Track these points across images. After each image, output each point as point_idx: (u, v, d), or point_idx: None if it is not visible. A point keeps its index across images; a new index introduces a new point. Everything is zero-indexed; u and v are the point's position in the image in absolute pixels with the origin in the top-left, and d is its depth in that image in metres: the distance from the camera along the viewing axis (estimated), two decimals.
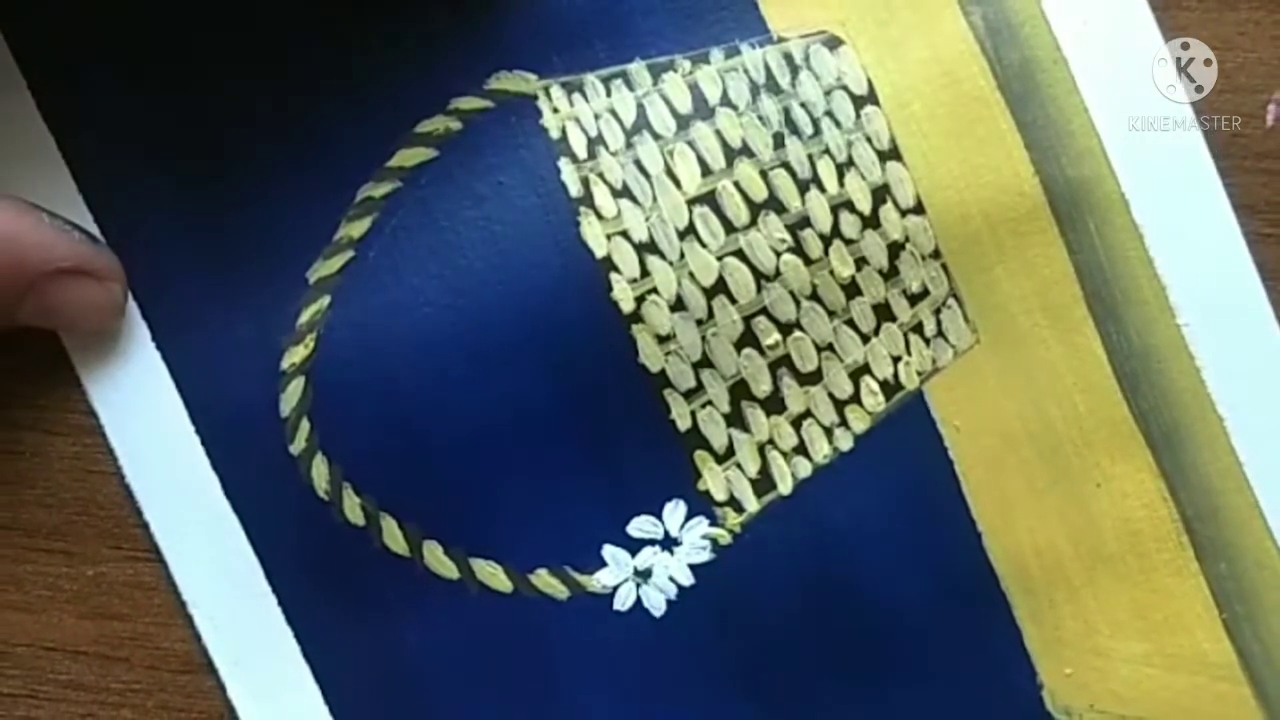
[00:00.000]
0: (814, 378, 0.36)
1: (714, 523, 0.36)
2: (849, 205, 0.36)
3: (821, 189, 0.36)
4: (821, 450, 0.36)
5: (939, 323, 0.36)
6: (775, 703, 0.36)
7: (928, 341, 0.36)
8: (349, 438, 0.35)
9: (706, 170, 0.35)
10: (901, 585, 0.36)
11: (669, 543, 0.36)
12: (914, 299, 0.36)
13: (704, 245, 0.35)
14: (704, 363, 0.36)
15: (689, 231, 0.35)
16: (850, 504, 0.36)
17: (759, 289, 0.36)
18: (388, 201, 0.35)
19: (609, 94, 0.35)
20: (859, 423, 0.36)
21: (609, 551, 0.36)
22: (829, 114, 0.36)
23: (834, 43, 0.36)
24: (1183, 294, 0.36)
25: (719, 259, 0.35)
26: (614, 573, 0.36)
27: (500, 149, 0.35)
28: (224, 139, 0.35)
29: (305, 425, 0.35)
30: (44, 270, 0.33)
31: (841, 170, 0.36)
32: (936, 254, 0.36)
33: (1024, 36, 0.35)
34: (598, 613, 0.36)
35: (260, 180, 0.35)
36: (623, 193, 0.35)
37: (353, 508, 0.35)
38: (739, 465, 0.36)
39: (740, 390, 0.36)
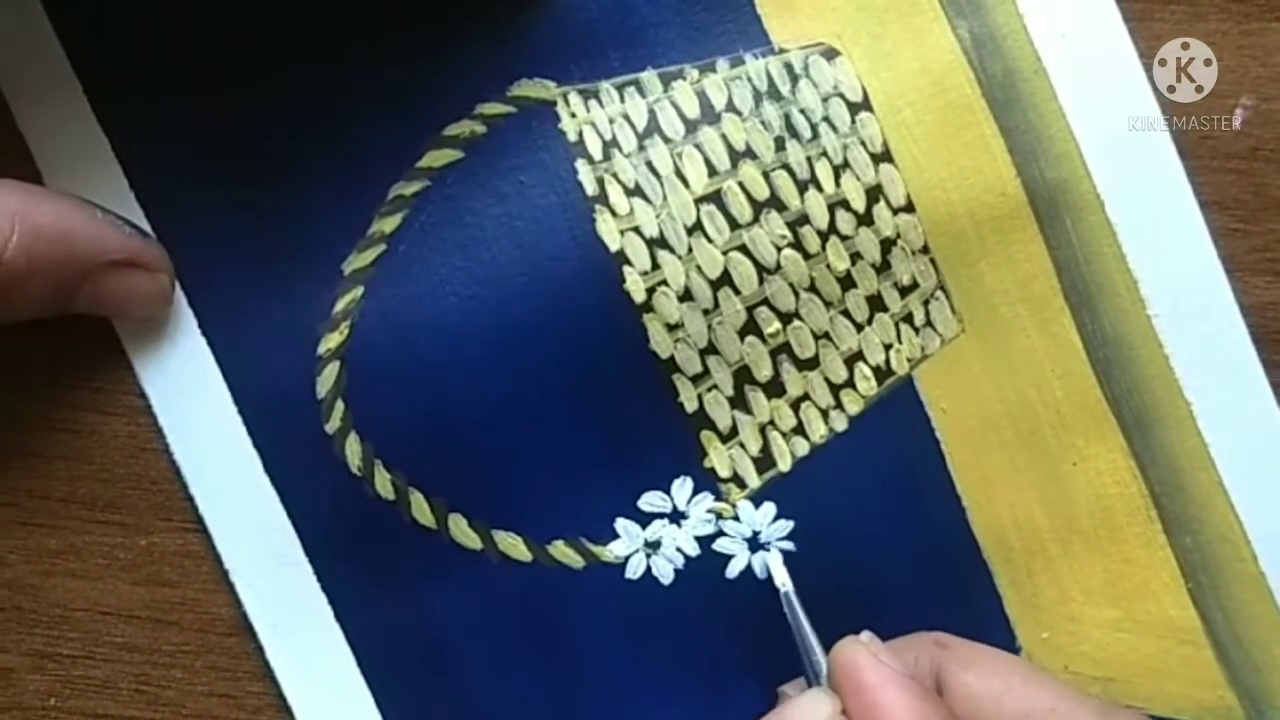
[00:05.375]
0: (812, 364, 0.36)
1: (718, 498, 0.36)
2: (845, 204, 0.35)
3: (819, 189, 0.35)
4: (818, 431, 0.36)
5: (927, 313, 0.36)
6: (773, 663, 0.36)
7: (917, 330, 0.36)
8: (380, 418, 0.35)
9: (713, 171, 0.35)
10: (891, 555, 0.36)
11: (677, 516, 0.36)
12: (904, 291, 0.36)
13: (710, 240, 0.35)
14: (710, 349, 0.35)
15: (696, 228, 0.35)
16: (844, 480, 0.36)
17: (761, 281, 0.35)
18: (417, 199, 0.35)
19: (623, 100, 0.35)
20: (853, 405, 0.36)
21: (621, 524, 0.36)
22: (826, 119, 0.35)
23: (831, 54, 0.35)
24: (1153, 286, 0.35)
25: (724, 253, 0.35)
26: (626, 544, 0.36)
27: (522, 151, 0.35)
28: (266, 141, 0.34)
29: (340, 406, 0.35)
30: (98, 262, 0.32)
31: (838, 171, 0.35)
32: (925, 249, 0.36)
33: (1007, 49, 0.35)
34: (610, 581, 0.36)
35: (299, 179, 0.35)
36: (635, 192, 0.35)
37: (383, 483, 0.35)
38: (742, 444, 0.36)
39: (743, 375, 0.36)
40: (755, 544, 0.36)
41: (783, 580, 0.35)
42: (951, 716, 0.30)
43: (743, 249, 0.35)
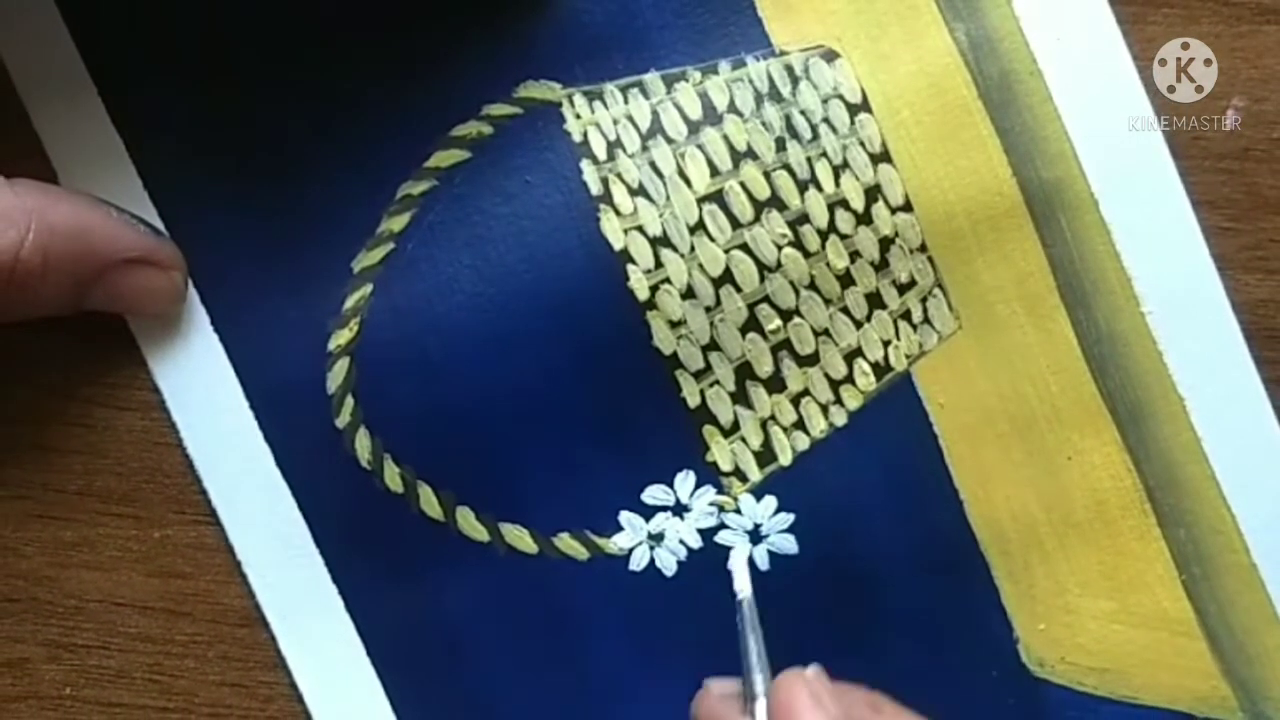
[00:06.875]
0: (812, 360, 0.36)
1: (720, 491, 0.36)
2: (844, 203, 0.35)
3: (819, 189, 0.35)
4: (818, 425, 0.36)
5: (925, 310, 0.36)
6: (773, 651, 0.36)
7: (915, 327, 0.36)
8: (389, 413, 0.35)
9: (715, 171, 0.35)
10: (890, 548, 0.36)
11: (679, 509, 0.36)
12: (903, 288, 0.36)
13: (712, 239, 0.35)
14: (712, 346, 0.35)
15: (699, 227, 0.35)
16: (844, 474, 0.36)
17: (762, 279, 0.35)
18: (425, 198, 0.35)
19: (626, 101, 0.35)
20: (852, 401, 0.36)
21: (625, 517, 0.36)
22: (826, 120, 0.35)
23: (831, 56, 0.35)
24: (1147, 284, 0.35)
25: (726, 252, 0.35)
26: (630, 536, 0.36)
27: (528, 151, 0.35)
28: (277, 142, 0.35)
29: (350, 401, 0.35)
30: (112, 259, 0.33)
31: (837, 172, 0.35)
32: (923, 248, 0.36)
33: (1003, 51, 0.35)
34: (615, 572, 0.36)
35: (310, 179, 0.35)
36: (639, 191, 0.35)
37: (392, 477, 0.35)
38: (743, 439, 0.36)
39: (745, 371, 0.36)
40: (757, 536, 0.36)
41: (741, 586, 0.34)
42: None
43: (744, 247, 0.35)
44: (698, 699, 0.33)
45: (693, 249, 0.35)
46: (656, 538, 0.36)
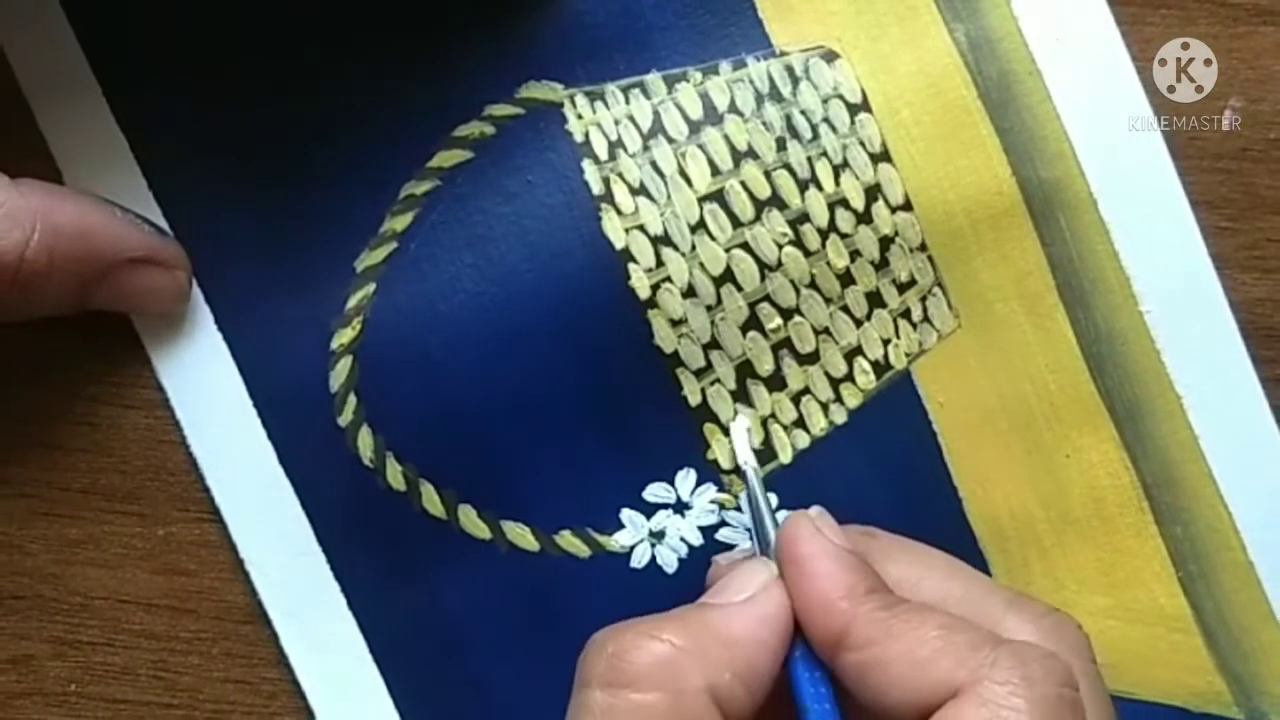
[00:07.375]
0: (812, 358, 0.36)
1: (721, 489, 0.36)
2: (844, 203, 0.36)
3: (819, 188, 0.35)
4: (819, 424, 0.36)
5: (925, 309, 0.36)
6: None
7: (915, 326, 0.36)
8: (392, 411, 0.35)
9: (715, 171, 0.35)
10: None
11: (680, 507, 0.36)
12: (902, 287, 0.36)
13: (713, 238, 0.35)
14: (713, 344, 0.36)
15: (700, 226, 0.35)
16: (844, 472, 0.36)
17: (763, 278, 0.35)
18: (428, 198, 0.35)
19: (628, 102, 0.35)
20: (852, 399, 0.36)
21: (626, 514, 0.36)
22: (826, 120, 0.35)
23: (831, 56, 0.35)
24: (1145, 283, 0.35)
25: (727, 251, 0.35)
26: (631, 534, 0.36)
27: (530, 151, 0.35)
28: (281, 143, 0.35)
29: (352, 400, 0.35)
30: (117, 259, 0.33)
31: (838, 171, 0.36)
32: (923, 247, 0.36)
33: (1002, 51, 0.35)
34: (616, 570, 0.36)
35: (313, 179, 0.35)
36: (640, 191, 0.35)
37: (395, 475, 0.35)
38: None
39: (745, 369, 0.36)
40: None
41: (745, 457, 0.35)
42: (881, 588, 0.30)
43: (745, 246, 0.35)
44: (711, 574, 0.34)
45: (694, 248, 0.35)
46: (658, 535, 0.36)
